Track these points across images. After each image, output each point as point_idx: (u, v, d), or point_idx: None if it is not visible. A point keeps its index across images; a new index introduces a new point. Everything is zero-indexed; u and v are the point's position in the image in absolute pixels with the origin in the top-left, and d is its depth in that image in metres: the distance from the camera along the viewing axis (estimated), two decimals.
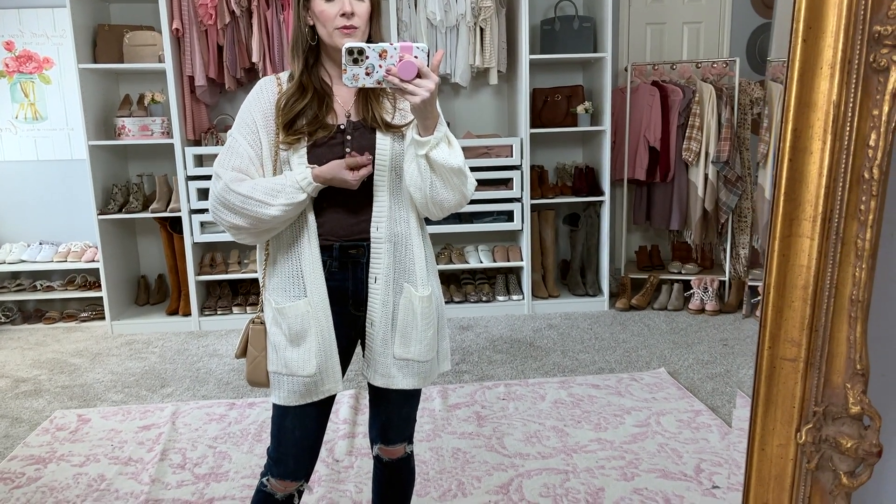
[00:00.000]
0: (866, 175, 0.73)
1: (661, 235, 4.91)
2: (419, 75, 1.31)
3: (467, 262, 4.47)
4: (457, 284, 4.57)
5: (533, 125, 4.29)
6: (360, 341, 1.63)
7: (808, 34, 0.72)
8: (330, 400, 1.58)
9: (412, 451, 1.76)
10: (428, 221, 1.67)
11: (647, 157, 4.45)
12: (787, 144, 0.75)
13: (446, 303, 4.34)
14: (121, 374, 3.51)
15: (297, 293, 1.51)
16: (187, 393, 3.25)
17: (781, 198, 0.77)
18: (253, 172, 1.50)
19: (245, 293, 4.40)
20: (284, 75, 1.55)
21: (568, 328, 4.08)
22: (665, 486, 2.36)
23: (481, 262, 4.46)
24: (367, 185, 1.50)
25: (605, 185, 4.37)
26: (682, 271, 4.59)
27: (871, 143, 0.73)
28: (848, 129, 0.73)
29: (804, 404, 0.80)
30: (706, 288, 4.33)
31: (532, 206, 4.34)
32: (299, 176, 1.44)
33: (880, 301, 0.80)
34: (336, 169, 1.44)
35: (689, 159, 4.36)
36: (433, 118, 1.38)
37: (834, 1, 0.71)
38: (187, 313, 4.22)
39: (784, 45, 0.79)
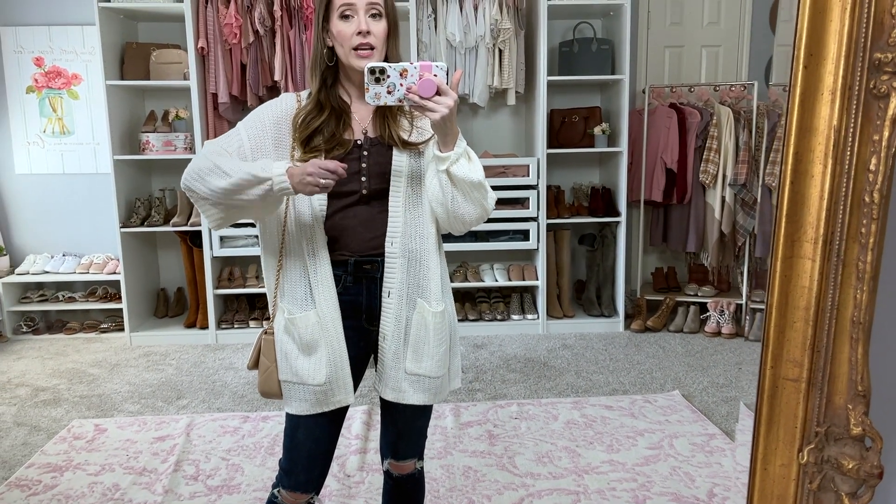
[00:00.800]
0: (867, 199, 0.75)
1: (678, 257, 4.89)
2: (439, 93, 1.34)
3: (482, 281, 4.48)
4: (472, 302, 4.58)
5: (550, 145, 4.32)
6: (372, 356, 1.64)
7: (810, 61, 0.74)
8: (342, 412, 1.60)
9: (422, 468, 1.77)
10: (445, 238, 1.69)
11: (664, 179, 4.46)
12: (789, 168, 0.77)
13: (461, 321, 4.35)
14: (138, 386, 3.56)
15: (308, 304, 1.53)
16: (202, 405, 3.28)
17: (783, 219, 0.78)
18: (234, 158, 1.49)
19: (262, 307, 4.45)
20: (304, 94, 1.58)
21: (582, 348, 4.07)
22: None
23: (496, 281, 4.47)
24: (384, 200, 1.53)
25: (622, 205, 4.38)
26: (699, 294, 4.56)
27: (872, 167, 0.74)
28: (849, 153, 0.75)
29: (806, 424, 0.81)
30: (722, 311, 4.30)
31: (548, 225, 4.36)
32: (275, 165, 1.39)
33: (883, 323, 0.80)
34: (307, 167, 1.37)
35: (707, 181, 4.36)
36: (453, 134, 1.42)
37: (835, 28, 0.73)
38: (205, 326, 4.27)
39: (783, 71, 0.81)
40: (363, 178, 1.53)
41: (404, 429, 1.68)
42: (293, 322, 1.52)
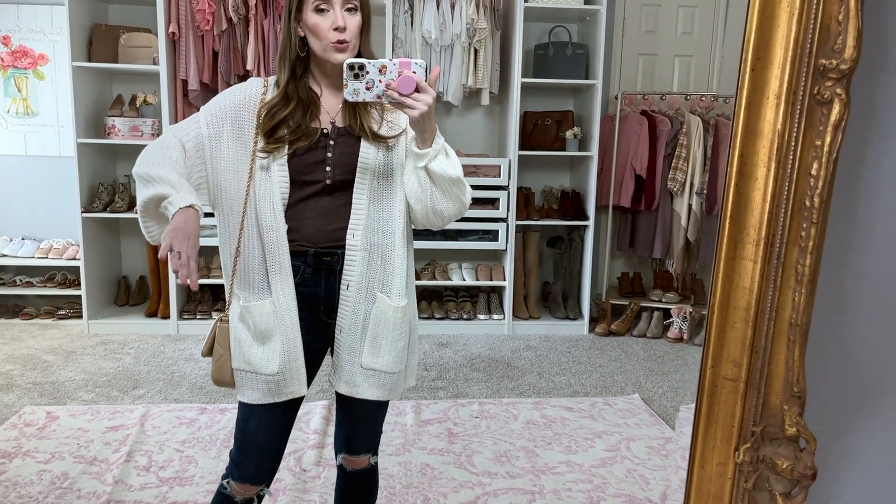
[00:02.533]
0: (807, 203, 0.76)
1: (644, 263, 4.94)
2: (418, 90, 1.34)
3: (450, 279, 4.48)
4: (438, 301, 4.58)
5: (522, 147, 4.34)
6: (329, 349, 1.62)
7: (756, 64, 0.75)
8: (295, 404, 1.58)
9: (376, 463, 1.75)
10: (416, 235, 1.68)
11: (632, 185, 4.50)
12: (734, 170, 0.78)
13: (427, 318, 4.35)
14: (93, 374, 3.49)
15: (264, 293, 1.51)
16: (159, 396, 3.23)
17: (727, 221, 0.79)
18: (191, 149, 1.50)
19: (224, 298, 4.38)
20: (272, 80, 1.55)
21: (546, 350, 4.09)
22: None
23: (464, 280, 4.47)
24: (347, 192, 1.51)
25: (591, 210, 4.41)
26: (663, 300, 4.62)
27: (814, 172, 0.75)
28: (791, 157, 0.76)
29: (743, 424, 0.82)
30: (685, 317, 4.36)
31: (517, 226, 4.37)
32: (177, 195, 1.38)
33: (819, 326, 0.82)
34: (176, 237, 1.34)
35: (675, 189, 4.41)
36: (431, 131, 1.42)
37: (782, 33, 0.74)
38: (166, 316, 4.20)
39: (725, 80, 0.81)
40: (328, 168, 1.50)
41: (359, 423, 1.67)
42: (248, 310, 1.50)
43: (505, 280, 4.41)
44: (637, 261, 4.95)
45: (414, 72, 1.33)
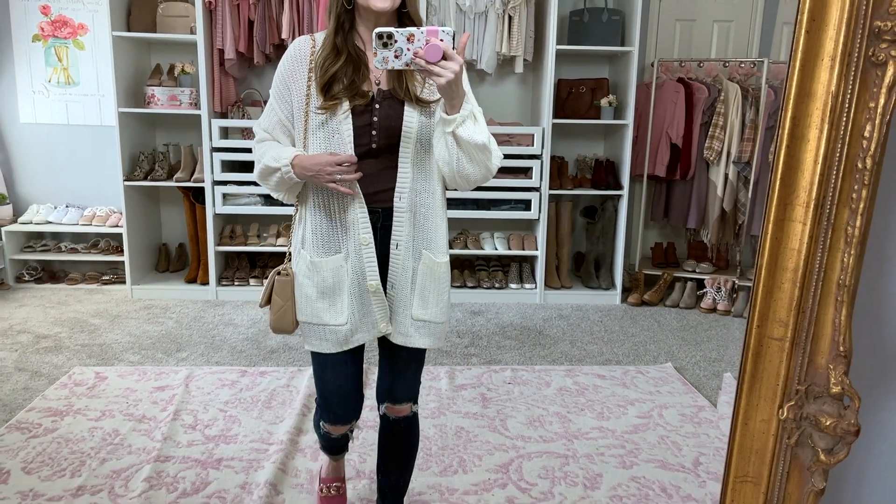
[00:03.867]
0: (860, 165, 0.76)
1: (678, 233, 4.91)
2: (445, 57, 1.37)
3: (482, 249, 4.50)
4: (471, 270, 4.61)
5: (556, 116, 4.31)
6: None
7: (812, 26, 0.75)
8: (360, 348, 1.71)
9: (417, 413, 1.85)
10: (448, 204, 1.76)
11: (668, 154, 4.45)
12: (786, 132, 0.78)
13: (459, 287, 4.39)
14: (138, 337, 3.61)
15: (334, 248, 1.62)
16: (201, 358, 3.33)
17: (777, 182, 0.80)
18: (278, 133, 1.62)
19: (263, 266, 4.48)
20: (319, 36, 1.61)
21: (578, 319, 4.11)
22: (662, 476, 2.39)
23: (496, 249, 4.49)
24: (392, 156, 1.58)
25: (625, 179, 4.38)
26: (697, 270, 4.59)
27: (867, 134, 0.76)
28: (844, 119, 0.76)
29: (788, 382, 0.84)
30: (719, 288, 4.33)
31: (550, 196, 4.37)
32: (285, 154, 1.55)
33: (867, 288, 0.83)
34: (321, 161, 1.50)
35: (711, 158, 4.35)
36: (459, 97, 1.45)
37: None
38: (205, 282, 4.31)
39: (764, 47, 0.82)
40: (373, 133, 1.56)
41: (402, 372, 1.77)
42: (316, 265, 1.62)
43: (537, 250, 4.42)
44: (671, 231, 4.91)
45: (441, 40, 1.36)
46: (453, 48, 1.38)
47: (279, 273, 1.68)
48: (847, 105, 0.76)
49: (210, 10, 4.06)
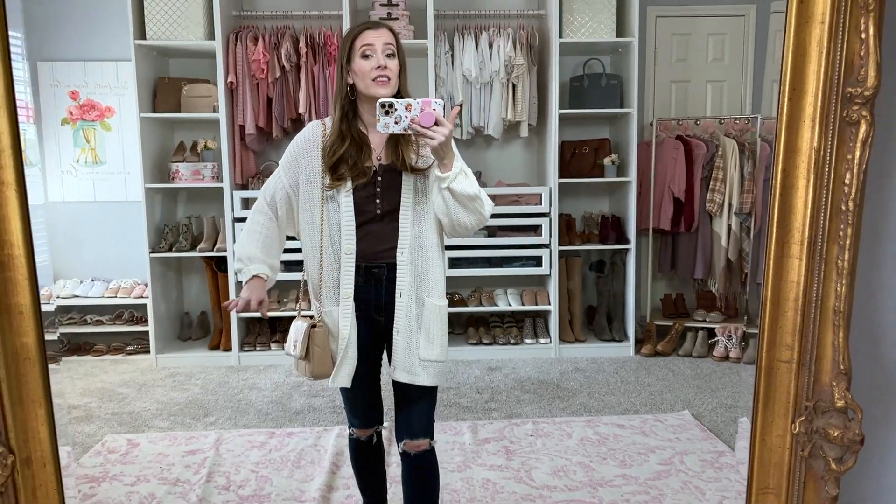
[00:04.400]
0: (843, 207, 0.90)
1: (686, 284, 5.02)
2: (437, 123, 1.62)
3: (496, 305, 4.62)
4: (486, 327, 4.71)
5: (561, 175, 4.49)
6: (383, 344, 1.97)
7: (793, 94, 0.90)
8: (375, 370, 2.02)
9: (433, 448, 1.99)
10: (459, 264, 2.05)
11: (671, 208, 4.61)
12: (778, 182, 0.92)
13: (475, 344, 4.49)
14: (166, 404, 3.70)
15: (335, 301, 1.87)
16: (229, 422, 3.41)
17: (774, 225, 0.93)
18: (280, 202, 1.90)
19: (283, 330, 4.59)
20: (328, 120, 1.90)
21: (594, 371, 4.19)
22: None
23: (510, 306, 4.61)
24: (394, 218, 1.83)
25: (631, 233, 4.53)
26: (707, 319, 4.68)
27: (847, 181, 0.90)
28: (827, 170, 0.90)
29: (797, 400, 0.95)
30: (730, 336, 4.42)
31: (560, 252, 4.51)
32: (248, 268, 1.90)
33: (860, 311, 0.95)
34: (245, 296, 1.89)
35: (713, 210, 4.51)
36: (450, 157, 1.70)
37: (813, 68, 0.89)
38: (228, 348, 4.42)
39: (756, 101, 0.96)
40: (377, 201, 1.83)
41: (416, 409, 1.94)
42: (328, 314, 1.88)
43: (550, 304, 4.54)
44: (679, 282, 5.02)
45: (434, 109, 1.62)
46: (444, 116, 1.62)
47: (314, 326, 1.88)
48: (829, 158, 0.90)
49: (232, 90, 4.31)
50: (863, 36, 0.85)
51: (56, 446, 1.04)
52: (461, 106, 4.45)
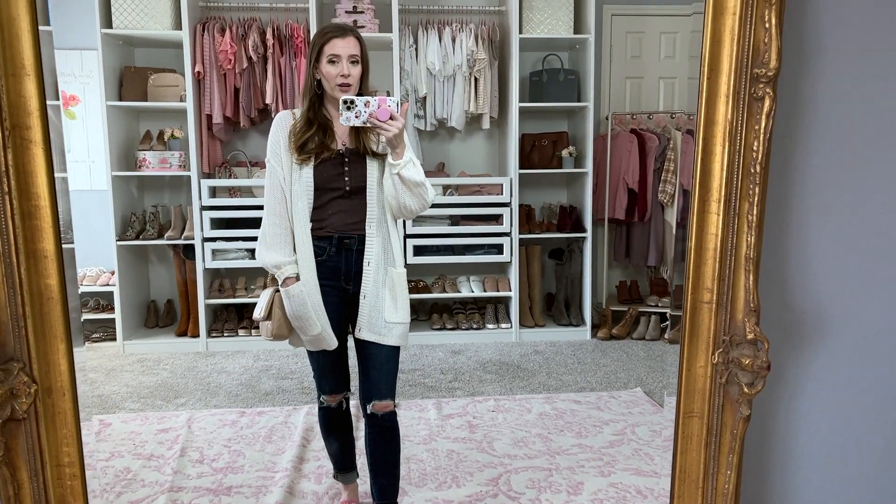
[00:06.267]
0: (752, 170, 1.07)
1: (640, 271, 5.25)
2: (391, 118, 1.86)
3: (459, 292, 4.78)
4: (449, 314, 4.86)
5: (521, 166, 4.67)
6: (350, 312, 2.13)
7: (711, 74, 1.07)
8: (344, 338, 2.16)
9: (395, 410, 2.17)
10: (422, 252, 2.27)
11: (626, 199, 4.83)
12: (700, 148, 1.09)
13: (439, 329, 4.65)
14: (136, 387, 3.76)
15: (309, 270, 2.05)
16: (199, 403, 3.50)
17: (697, 186, 1.10)
18: (283, 187, 2.05)
19: (250, 317, 4.67)
20: (297, 110, 2.11)
21: (553, 354, 4.38)
22: (638, 481, 2.64)
23: (472, 292, 4.77)
24: (361, 195, 2.04)
25: (588, 223, 4.73)
26: (659, 304, 4.92)
27: (755, 148, 1.07)
28: (739, 138, 1.07)
29: (717, 335, 1.12)
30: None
31: (520, 240, 4.69)
32: (283, 270, 2.04)
33: (770, 258, 1.12)
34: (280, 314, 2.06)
35: (665, 200, 4.74)
36: (402, 147, 1.95)
37: (727, 52, 1.06)
38: (195, 335, 4.48)
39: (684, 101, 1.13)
40: (346, 178, 2.04)
41: (382, 370, 2.11)
42: (287, 292, 2.05)
43: (511, 291, 4.71)
44: (633, 269, 5.25)
45: (389, 105, 1.86)
46: (398, 112, 1.86)
47: (277, 290, 2.05)
48: (740, 128, 1.07)
49: (199, 80, 4.37)
50: (766, 25, 1.02)
51: (74, 378, 1.17)
52: (408, 105, 4.60)
